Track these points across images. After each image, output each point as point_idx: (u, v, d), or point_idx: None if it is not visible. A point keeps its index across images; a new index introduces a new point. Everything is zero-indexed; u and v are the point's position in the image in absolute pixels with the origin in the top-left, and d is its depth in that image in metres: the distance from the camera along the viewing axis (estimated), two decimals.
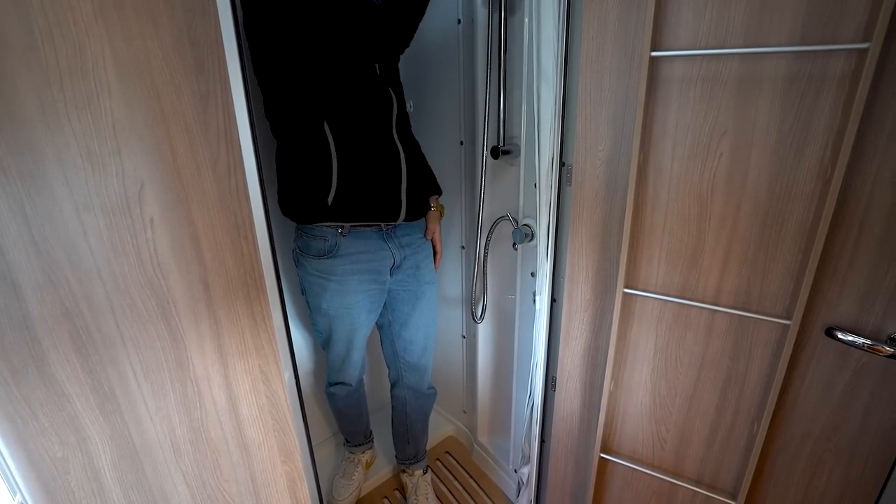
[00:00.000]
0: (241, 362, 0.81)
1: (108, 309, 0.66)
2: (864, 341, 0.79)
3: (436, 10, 1.35)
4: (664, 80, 0.86)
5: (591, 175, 1.00)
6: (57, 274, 0.61)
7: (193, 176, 0.68)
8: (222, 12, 0.65)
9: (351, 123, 1.09)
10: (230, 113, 0.68)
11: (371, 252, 1.21)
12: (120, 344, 0.68)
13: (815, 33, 0.73)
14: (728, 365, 0.97)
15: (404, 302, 1.35)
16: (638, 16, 0.86)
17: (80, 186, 0.60)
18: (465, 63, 1.36)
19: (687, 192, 0.90)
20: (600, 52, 0.92)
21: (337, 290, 1.21)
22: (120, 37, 0.58)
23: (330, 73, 1.06)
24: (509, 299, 1.46)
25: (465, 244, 1.60)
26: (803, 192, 0.80)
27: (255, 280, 0.78)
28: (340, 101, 1.08)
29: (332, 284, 1.21)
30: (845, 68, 0.72)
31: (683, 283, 0.96)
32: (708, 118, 0.84)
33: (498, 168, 1.36)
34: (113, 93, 0.59)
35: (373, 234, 1.19)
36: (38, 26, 0.53)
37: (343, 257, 1.18)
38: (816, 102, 0.75)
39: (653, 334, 1.03)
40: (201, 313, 0.74)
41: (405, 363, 1.45)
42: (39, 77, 0.55)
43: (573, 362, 1.17)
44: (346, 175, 1.10)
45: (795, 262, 0.84)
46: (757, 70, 0.79)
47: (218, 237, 0.72)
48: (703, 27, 0.81)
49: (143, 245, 0.66)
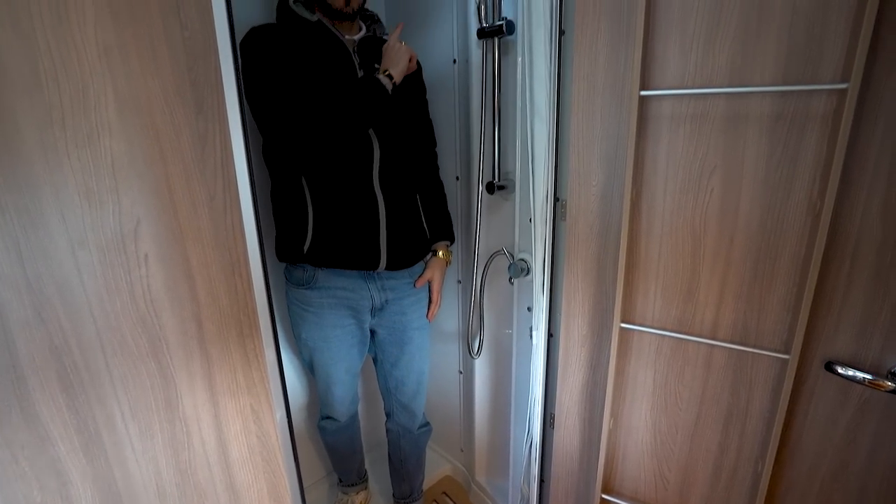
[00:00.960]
0: (233, 401, 0.79)
1: (98, 347, 0.65)
2: (864, 376, 0.79)
3: (432, 51, 1.40)
4: (654, 118, 0.89)
5: (585, 210, 1.01)
6: (48, 311, 0.60)
7: (189, 213, 0.68)
8: (223, 54, 0.67)
9: (328, 174, 1.10)
10: (228, 151, 0.69)
11: (349, 290, 1.20)
12: (108, 383, 0.66)
13: (797, 73, 0.76)
14: (729, 401, 0.95)
15: (391, 344, 1.34)
16: (626, 56, 0.89)
17: (76, 223, 0.60)
18: (461, 101, 1.39)
19: (680, 227, 0.91)
20: (591, 91, 0.95)
21: (314, 321, 1.21)
22: (122, 77, 0.60)
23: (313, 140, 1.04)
24: (506, 334, 1.45)
25: (462, 278, 1.60)
26: (794, 226, 0.81)
27: (248, 317, 0.77)
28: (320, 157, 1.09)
29: (309, 315, 1.21)
30: (827, 106, 0.75)
31: (680, 317, 0.95)
32: (698, 154, 0.86)
33: (493, 203, 1.38)
34: (113, 131, 0.60)
35: (352, 272, 1.19)
36: (44, 67, 0.55)
37: (320, 290, 1.18)
38: (802, 139, 0.78)
39: (651, 369, 1.02)
40: (193, 351, 0.73)
41: (397, 401, 1.42)
42: (42, 115, 0.55)
43: (571, 399, 1.15)
44: (321, 225, 1.12)
45: (791, 296, 0.84)
46: (743, 108, 0.81)
47: (212, 274, 0.72)
48: (690, 67, 0.84)
49: (136, 282, 0.65)
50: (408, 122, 1.23)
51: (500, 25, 1.15)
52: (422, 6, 1.42)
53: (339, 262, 1.15)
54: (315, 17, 1.10)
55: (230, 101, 0.69)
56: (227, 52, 0.67)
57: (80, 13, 0.56)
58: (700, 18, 0.81)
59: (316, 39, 1.09)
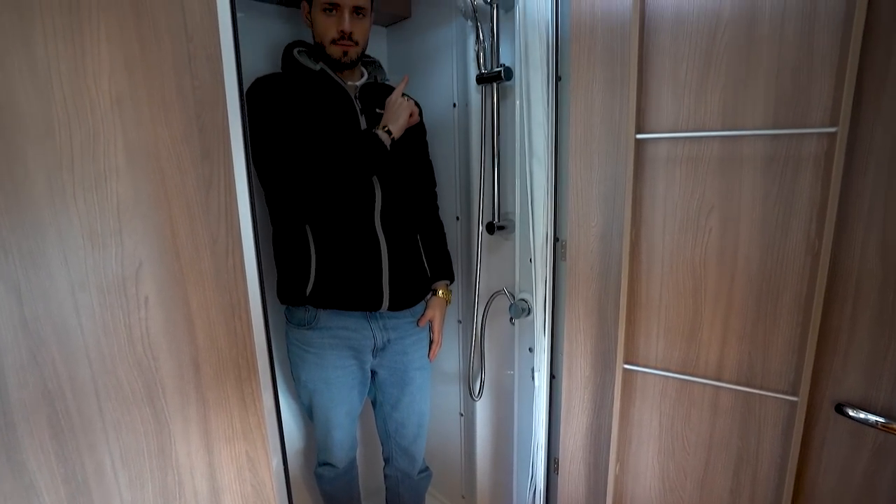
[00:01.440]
0: (228, 448, 0.77)
1: (93, 391, 0.63)
2: (876, 419, 0.77)
3: (433, 95, 1.45)
4: (650, 160, 0.90)
5: (585, 250, 1.02)
6: (43, 354, 0.59)
7: (192, 255, 0.68)
8: (230, 102, 0.69)
9: (330, 218, 1.12)
10: (232, 195, 0.70)
11: (351, 329, 1.19)
12: (100, 429, 0.65)
13: (787, 118, 0.78)
14: (738, 445, 0.92)
15: (392, 385, 1.31)
16: (622, 101, 0.92)
17: (78, 265, 0.60)
18: (461, 143, 1.43)
19: (680, 266, 0.91)
20: (588, 134, 0.97)
21: (315, 362, 1.19)
22: (133, 124, 0.61)
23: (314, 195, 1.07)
24: (508, 375, 1.42)
25: (462, 318, 1.58)
26: (794, 265, 0.81)
27: (247, 360, 0.76)
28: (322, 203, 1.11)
29: (310, 356, 1.19)
30: (818, 149, 0.76)
31: (684, 357, 0.94)
32: (695, 195, 0.87)
33: (493, 243, 1.38)
34: (121, 176, 0.61)
35: (355, 312, 1.19)
36: (57, 115, 0.56)
37: (322, 330, 1.17)
38: (796, 180, 0.79)
39: (657, 412, 0.99)
40: (189, 395, 0.71)
41: (397, 445, 1.38)
42: (52, 161, 0.57)
43: (575, 443, 1.12)
44: (323, 267, 1.13)
45: (795, 336, 0.83)
46: (737, 150, 0.83)
47: (212, 316, 0.71)
48: (683, 112, 0.86)
49: (135, 324, 0.65)
50: (408, 165, 1.25)
51: (499, 72, 1.19)
52: (423, 53, 1.48)
53: (342, 304, 1.15)
54: (318, 66, 1.14)
55: (236, 146, 0.70)
56: (234, 100, 0.69)
57: (96, 65, 0.58)
58: (691, 66, 0.84)
59: (319, 87, 1.13)
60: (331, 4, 1.06)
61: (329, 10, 1.07)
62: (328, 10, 1.07)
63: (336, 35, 1.09)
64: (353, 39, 1.10)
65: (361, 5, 1.09)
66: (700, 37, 0.83)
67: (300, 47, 1.17)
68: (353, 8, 1.08)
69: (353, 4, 1.07)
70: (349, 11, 1.07)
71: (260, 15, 1.32)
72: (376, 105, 1.19)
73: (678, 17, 0.84)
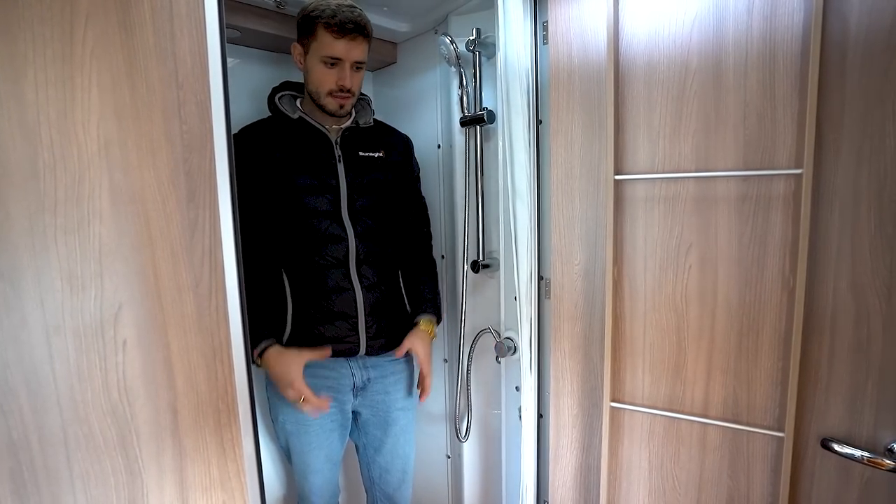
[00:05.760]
0: (204, 498, 0.73)
1: (61, 441, 0.60)
2: (861, 454, 0.77)
3: (418, 136, 1.48)
4: (629, 199, 0.93)
5: (569, 288, 1.03)
6: (10, 403, 0.57)
7: (174, 298, 0.67)
8: (218, 146, 0.70)
9: (305, 267, 1.13)
10: (217, 237, 0.70)
11: (329, 369, 1.17)
12: (67, 481, 0.61)
13: (755, 160, 0.82)
14: (728, 483, 0.91)
15: (375, 426, 1.28)
16: (600, 144, 0.96)
17: (54, 309, 0.58)
18: (445, 183, 1.45)
19: (662, 304, 0.92)
20: (569, 175, 1.00)
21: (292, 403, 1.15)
22: (119, 169, 0.61)
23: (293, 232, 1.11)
24: (494, 415, 1.40)
25: (448, 357, 1.57)
26: (771, 301, 0.83)
27: (227, 405, 0.74)
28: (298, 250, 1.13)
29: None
30: (787, 189, 0.80)
31: (670, 394, 0.94)
32: (674, 233, 0.90)
33: (479, 281, 1.39)
34: (104, 219, 0.61)
35: None
36: (43, 160, 0.56)
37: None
38: (768, 218, 0.82)
39: (645, 451, 0.98)
40: (165, 443, 0.68)
41: (381, 492, 1.33)
42: (34, 204, 0.56)
43: (564, 484, 1.09)
44: (300, 315, 1.13)
45: (777, 371, 0.84)
46: (711, 190, 0.86)
47: (192, 360, 0.70)
48: (659, 154, 0.90)
49: (111, 369, 0.63)
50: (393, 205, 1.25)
51: (482, 115, 1.24)
52: (408, 96, 1.53)
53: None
54: (296, 114, 1.15)
55: (222, 189, 0.71)
56: (222, 144, 0.70)
57: (85, 111, 0.59)
58: (664, 112, 0.89)
59: (299, 135, 1.14)
60: (333, 59, 1.07)
61: (330, 63, 1.08)
62: (329, 64, 1.08)
63: (335, 88, 1.09)
64: (350, 91, 1.11)
65: (363, 60, 1.11)
66: (671, 84, 0.88)
67: (284, 91, 1.18)
68: (354, 63, 1.09)
69: (354, 60, 1.09)
70: (350, 66, 1.09)
71: (248, 59, 1.35)
72: (359, 148, 1.20)
73: (650, 65, 0.89)
